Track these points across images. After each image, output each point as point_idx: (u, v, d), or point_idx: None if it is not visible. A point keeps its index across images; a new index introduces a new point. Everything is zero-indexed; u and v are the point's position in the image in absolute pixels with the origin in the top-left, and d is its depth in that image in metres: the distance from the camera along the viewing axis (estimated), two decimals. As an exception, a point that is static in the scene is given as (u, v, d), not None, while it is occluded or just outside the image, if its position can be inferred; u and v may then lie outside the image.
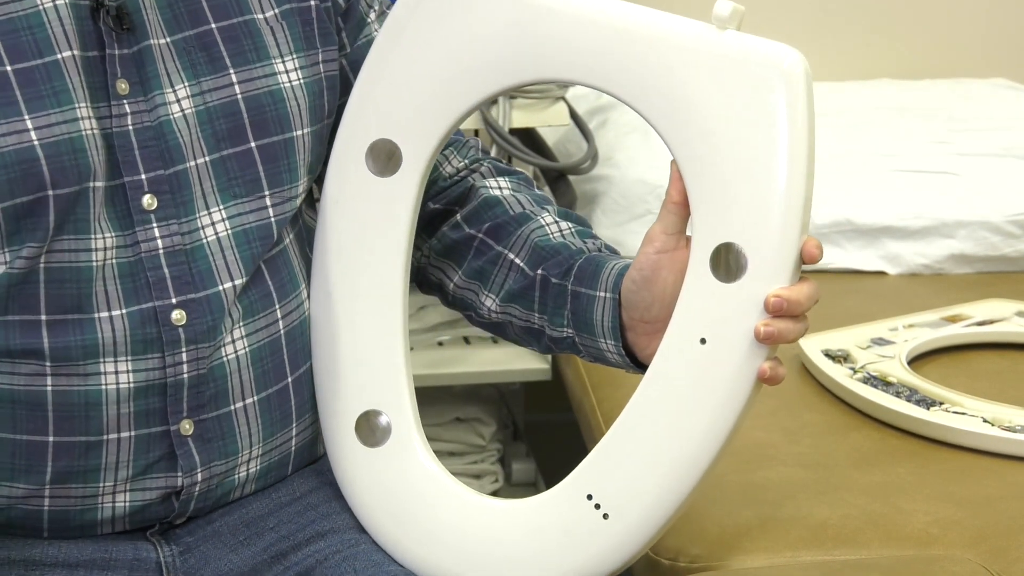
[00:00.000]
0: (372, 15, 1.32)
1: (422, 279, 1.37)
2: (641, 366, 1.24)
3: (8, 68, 1.12)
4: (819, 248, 1.14)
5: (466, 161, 1.36)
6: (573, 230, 1.31)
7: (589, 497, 1.19)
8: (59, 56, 1.13)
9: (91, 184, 1.15)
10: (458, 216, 1.33)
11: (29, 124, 1.12)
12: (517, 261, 1.29)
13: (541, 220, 1.31)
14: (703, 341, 1.15)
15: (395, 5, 1.22)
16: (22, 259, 1.13)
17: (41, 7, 1.13)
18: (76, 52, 1.14)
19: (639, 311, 1.22)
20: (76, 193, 1.14)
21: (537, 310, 1.28)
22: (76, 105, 1.14)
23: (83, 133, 1.14)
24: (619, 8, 1.16)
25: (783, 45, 1.13)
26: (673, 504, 1.18)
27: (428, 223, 1.34)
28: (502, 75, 1.20)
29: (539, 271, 1.28)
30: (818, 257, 1.14)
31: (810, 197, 1.13)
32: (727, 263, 1.14)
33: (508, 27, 1.18)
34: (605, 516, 1.19)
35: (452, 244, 1.33)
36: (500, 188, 1.34)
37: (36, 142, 1.12)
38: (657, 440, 1.17)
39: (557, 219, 1.32)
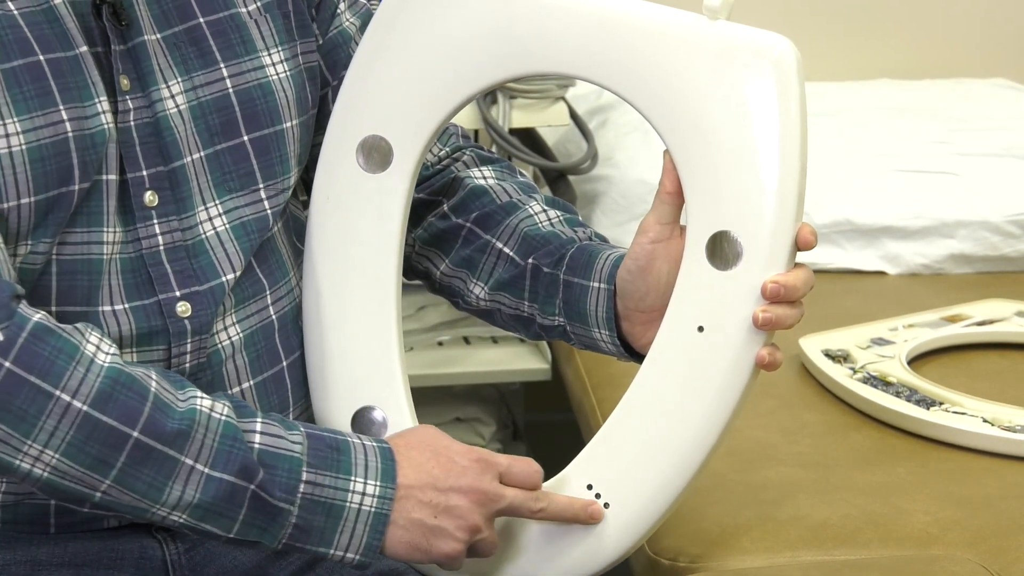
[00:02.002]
0: (343, 5, 1.32)
1: (408, 267, 1.37)
2: (635, 355, 1.25)
3: (41, 57, 1.12)
4: (814, 234, 1.14)
5: (447, 149, 1.37)
6: (562, 218, 1.32)
7: (589, 487, 1.20)
8: (77, 51, 1.14)
9: (105, 177, 1.15)
10: (445, 206, 1.34)
11: (64, 115, 1.12)
12: (506, 250, 1.30)
13: (529, 209, 1.32)
14: (700, 329, 1.15)
15: (383, 3, 1.22)
16: (37, 254, 1.13)
17: (52, 3, 1.14)
18: (88, 48, 1.15)
19: (634, 300, 1.22)
20: (96, 186, 1.15)
21: (527, 299, 1.29)
22: (97, 99, 1.14)
23: (105, 127, 1.15)
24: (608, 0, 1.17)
25: (773, 34, 1.13)
26: (674, 492, 1.18)
27: (413, 212, 1.34)
28: (491, 69, 1.20)
29: (530, 260, 1.28)
30: (813, 243, 1.14)
31: (804, 183, 1.13)
32: (723, 251, 1.14)
33: (497, 20, 1.18)
34: (606, 505, 1.19)
35: (439, 233, 1.33)
36: (485, 177, 1.35)
37: (70, 134, 1.12)
38: (656, 428, 1.17)
39: (545, 207, 1.32)
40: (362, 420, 1.25)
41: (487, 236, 1.31)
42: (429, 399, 2.28)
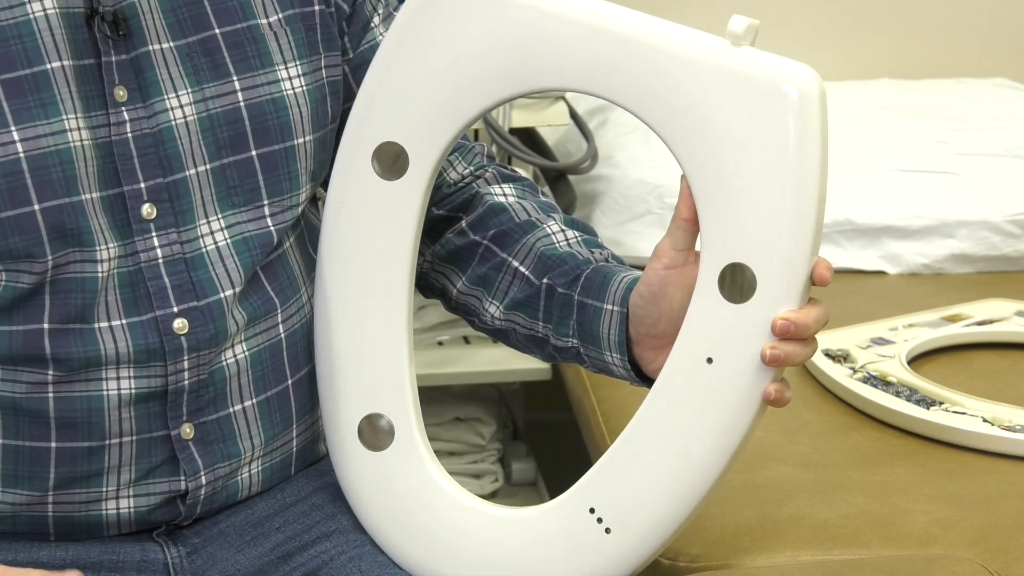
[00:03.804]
0: (376, 19, 1.30)
1: (425, 284, 1.36)
2: (647, 379, 1.23)
3: None
4: (829, 270, 1.12)
5: (471, 168, 1.35)
6: (580, 239, 1.30)
7: (592, 511, 1.18)
8: (48, 66, 1.12)
9: (84, 196, 1.14)
10: (463, 223, 1.32)
11: (15, 136, 1.11)
12: (522, 269, 1.28)
13: (547, 228, 1.30)
14: (709, 361, 1.13)
15: (402, 7, 1.20)
16: (27, 274, 1.13)
17: (32, 16, 1.12)
18: (68, 62, 1.13)
19: (646, 326, 1.20)
20: (70, 206, 1.13)
21: (542, 319, 1.27)
22: (64, 117, 1.13)
23: (71, 145, 1.13)
24: (632, 19, 1.14)
25: (799, 64, 1.10)
26: (675, 522, 1.16)
27: (432, 228, 1.33)
28: (509, 82, 1.18)
29: (545, 280, 1.26)
30: (828, 280, 1.11)
31: (821, 219, 1.11)
32: (736, 283, 1.12)
33: (516, 34, 1.16)
34: (607, 531, 1.18)
35: (456, 250, 1.32)
36: (505, 195, 1.33)
37: (22, 154, 1.11)
38: (661, 458, 1.16)
39: (563, 227, 1.30)
40: (369, 427, 1.25)
41: (503, 254, 1.29)
42: (429, 399, 2.28)
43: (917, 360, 1.79)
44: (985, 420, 1.58)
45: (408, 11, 1.20)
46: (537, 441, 2.50)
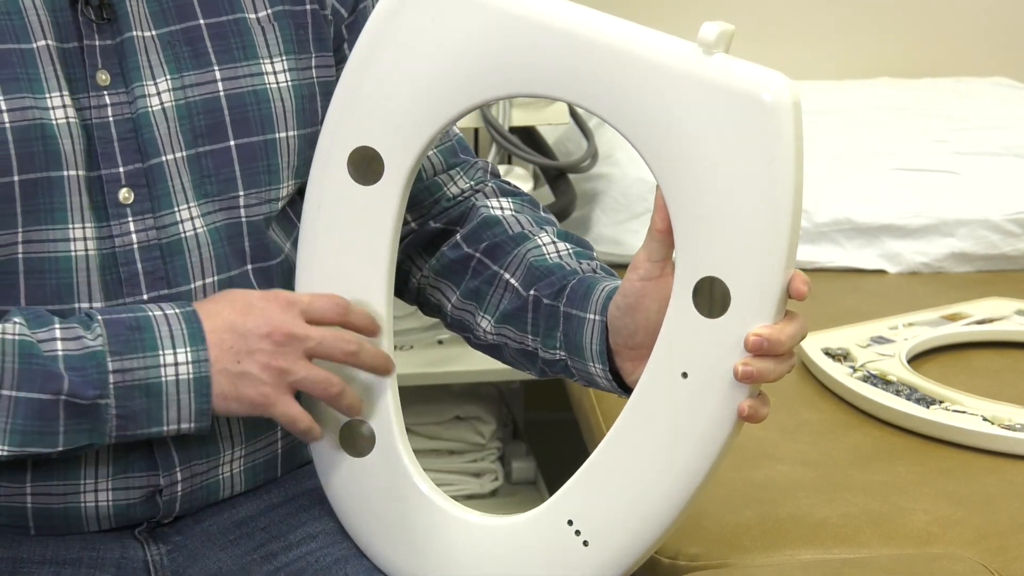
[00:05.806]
0: None
1: (423, 300, 1.35)
2: (630, 391, 1.20)
3: None
4: (806, 283, 1.09)
5: (471, 183, 1.34)
6: (571, 251, 1.28)
7: (570, 523, 1.17)
8: (34, 45, 1.13)
9: (65, 173, 1.14)
10: (457, 236, 1.31)
11: (3, 105, 1.11)
12: (512, 281, 1.27)
13: (538, 240, 1.29)
14: (684, 375, 1.11)
15: (375, 10, 1.18)
16: None
17: None
18: (52, 42, 1.14)
19: (623, 337, 1.19)
20: (47, 181, 1.13)
21: (530, 332, 1.26)
22: (48, 94, 1.13)
23: (54, 122, 1.13)
24: (605, 25, 1.12)
25: (772, 73, 1.07)
26: (652, 536, 1.15)
27: (429, 243, 1.33)
28: (483, 87, 1.16)
29: (532, 291, 1.25)
30: (805, 293, 1.09)
31: (796, 231, 1.09)
32: (710, 297, 1.10)
33: (489, 38, 1.14)
34: (585, 543, 1.16)
35: (450, 264, 1.31)
36: (502, 208, 1.32)
37: (7, 124, 1.11)
38: (638, 471, 1.14)
39: (555, 239, 1.29)
40: (350, 433, 1.24)
41: (495, 267, 1.28)
42: (429, 397, 2.28)
43: (917, 359, 1.79)
44: (985, 419, 1.58)
45: (379, 16, 1.18)
46: (537, 440, 2.50)
